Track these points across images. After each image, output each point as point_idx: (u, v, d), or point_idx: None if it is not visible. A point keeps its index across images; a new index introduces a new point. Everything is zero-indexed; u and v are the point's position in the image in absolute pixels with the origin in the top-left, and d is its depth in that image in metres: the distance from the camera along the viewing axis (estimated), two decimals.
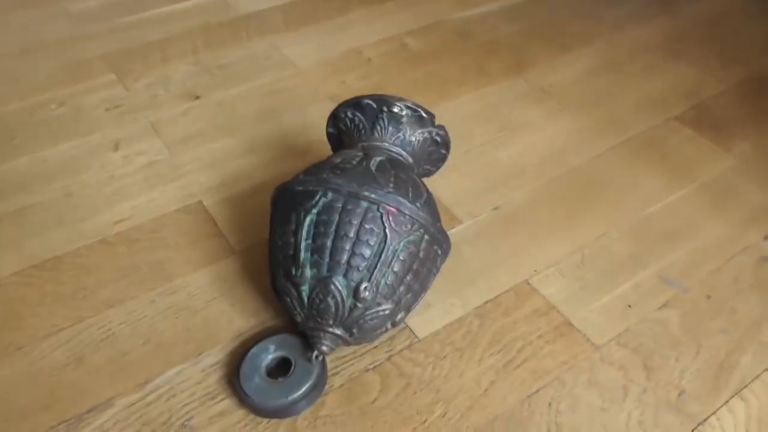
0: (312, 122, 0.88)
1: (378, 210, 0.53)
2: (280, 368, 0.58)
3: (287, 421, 0.56)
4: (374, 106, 0.61)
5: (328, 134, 0.67)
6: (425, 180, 0.73)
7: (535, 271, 0.69)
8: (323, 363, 0.58)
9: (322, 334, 0.56)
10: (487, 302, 0.66)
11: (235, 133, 0.86)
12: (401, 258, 0.54)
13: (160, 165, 0.81)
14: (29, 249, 0.71)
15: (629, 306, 0.66)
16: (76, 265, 0.69)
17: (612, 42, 1.06)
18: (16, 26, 1.08)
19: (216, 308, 0.65)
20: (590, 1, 1.16)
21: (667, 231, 0.74)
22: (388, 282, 0.54)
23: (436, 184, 0.77)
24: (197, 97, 0.92)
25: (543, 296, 0.67)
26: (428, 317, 0.64)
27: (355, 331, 0.55)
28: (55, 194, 0.77)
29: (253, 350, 0.58)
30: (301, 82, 0.96)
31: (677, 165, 0.83)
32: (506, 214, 0.76)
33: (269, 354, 0.58)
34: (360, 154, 0.58)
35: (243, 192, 0.78)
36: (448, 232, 0.60)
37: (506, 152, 0.84)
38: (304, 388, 0.56)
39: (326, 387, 0.58)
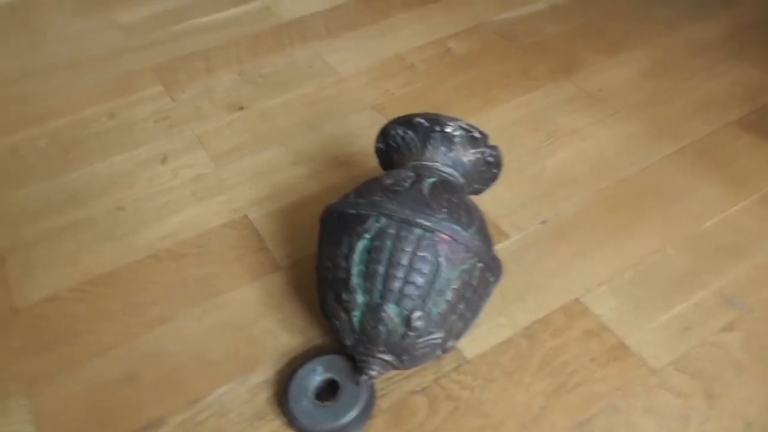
0: (355, 132, 0.88)
1: (432, 238, 0.52)
2: (328, 390, 0.58)
3: None
4: (426, 125, 0.60)
5: (377, 149, 0.66)
6: (473, 197, 0.72)
7: (586, 288, 0.67)
8: (371, 386, 0.58)
9: (371, 360, 0.55)
10: (535, 322, 0.65)
11: (279, 145, 0.86)
12: (454, 287, 0.53)
13: (206, 178, 0.82)
14: (84, 263, 0.72)
15: (688, 328, 0.63)
16: (127, 281, 0.70)
17: (666, 42, 1.02)
18: (67, 38, 1.10)
19: (263, 325, 0.66)
20: None
21: (727, 246, 0.71)
22: (441, 311, 0.53)
23: (482, 197, 0.75)
24: (241, 108, 0.93)
25: (595, 316, 0.65)
26: (476, 337, 0.63)
27: (405, 358, 0.55)
28: (107, 208, 0.79)
29: (301, 372, 0.58)
30: (343, 89, 0.95)
31: (737, 174, 0.79)
32: (555, 227, 0.74)
33: (317, 376, 0.58)
34: (412, 174, 0.57)
35: (288, 205, 0.78)
36: (494, 248, 0.59)
37: (554, 161, 0.82)
38: (353, 413, 0.55)
39: (374, 410, 0.58)
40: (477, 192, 0.67)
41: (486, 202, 0.75)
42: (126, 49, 1.07)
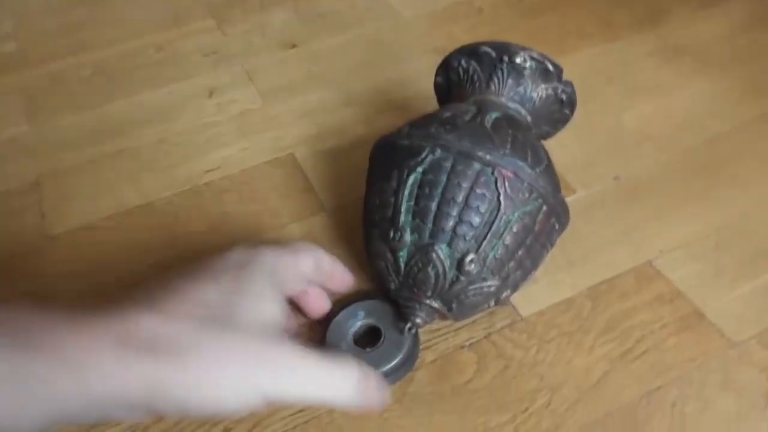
0: (413, 76, 0.82)
1: (492, 174, 0.46)
2: (368, 337, 0.54)
3: None
4: (493, 54, 0.53)
5: (436, 84, 0.60)
6: None
7: (661, 251, 0.60)
8: (416, 336, 0.53)
9: (417, 306, 0.50)
10: (601, 283, 0.58)
11: (332, 85, 0.81)
12: (514, 230, 0.47)
13: (253, 114, 0.78)
14: (122, 194, 0.69)
15: None
16: (165, 213, 0.67)
17: None
18: None
19: None
20: None
21: None
22: (497, 256, 0.47)
23: (549, 146, 0.68)
24: (294, 46, 0.88)
25: (669, 281, 0.58)
26: (533, 294, 0.57)
27: (454, 305, 0.49)
28: (150, 139, 0.76)
29: (340, 316, 0.54)
30: (404, 32, 0.89)
31: None
32: (629, 185, 0.67)
33: (357, 320, 0.54)
34: (473, 108, 0.51)
35: (337, 147, 0.73)
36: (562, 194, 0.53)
37: (632, 115, 0.74)
38: (393, 362, 0.51)
39: (417, 362, 0.53)
40: (545, 135, 0.60)
41: (554, 153, 0.68)
42: None
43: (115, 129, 0.77)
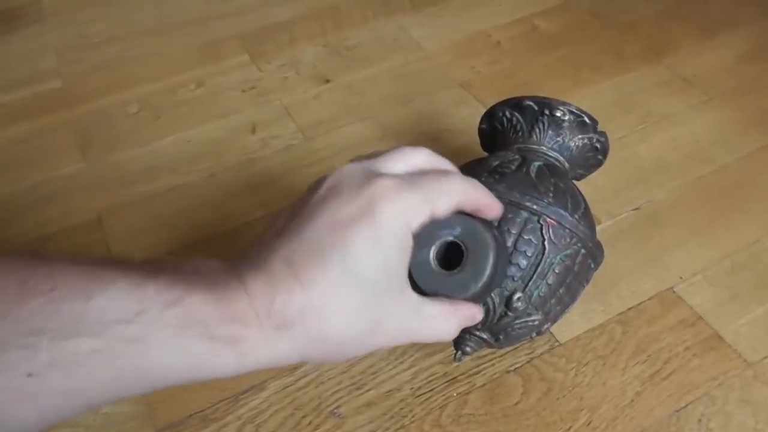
0: (441, 109, 0.88)
1: (538, 222, 0.52)
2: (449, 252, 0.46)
3: (432, 415, 0.57)
4: (535, 108, 0.60)
5: (481, 130, 0.66)
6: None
7: (681, 278, 0.67)
8: (498, 249, 0.46)
9: (468, 336, 0.56)
10: (629, 309, 0.65)
11: (366, 119, 0.87)
12: (556, 271, 0.53)
13: (295, 149, 0.84)
14: (180, 229, 0.75)
15: None
16: (224, 248, 0.73)
17: (766, 26, 0.98)
18: (153, 4, 1.12)
19: None
20: None
21: None
22: (541, 294, 0.53)
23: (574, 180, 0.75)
24: (328, 81, 0.94)
25: (689, 306, 0.64)
26: (569, 321, 0.63)
27: (501, 337, 0.56)
28: (200, 175, 0.81)
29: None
30: (428, 66, 0.95)
31: None
32: (648, 214, 0.73)
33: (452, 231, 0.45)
34: (517, 157, 0.57)
35: None
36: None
37: (647, 146, 0.81)
38: (479, 285, 0.45)
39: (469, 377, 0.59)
40: (578, 178, 0.67)
41: (580, 185, 0.75)
42: (209, 16, 1.08)
43: (166, 165, 0.83)
